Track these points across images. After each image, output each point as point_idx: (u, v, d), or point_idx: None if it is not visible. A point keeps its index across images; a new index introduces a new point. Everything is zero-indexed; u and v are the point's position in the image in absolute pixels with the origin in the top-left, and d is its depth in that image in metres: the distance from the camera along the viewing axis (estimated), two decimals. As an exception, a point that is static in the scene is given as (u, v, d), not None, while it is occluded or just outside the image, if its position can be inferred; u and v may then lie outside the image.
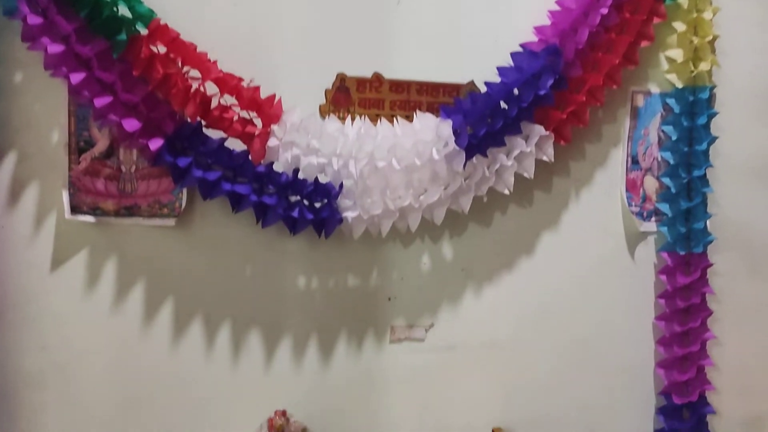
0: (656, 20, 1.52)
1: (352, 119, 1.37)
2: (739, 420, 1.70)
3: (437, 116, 1.38)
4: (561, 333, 1.61)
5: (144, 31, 1.20)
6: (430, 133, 1.35)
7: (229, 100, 1.28)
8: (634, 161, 1.60)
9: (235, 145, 1.30)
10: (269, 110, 1.29)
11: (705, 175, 1.58)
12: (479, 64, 1.44)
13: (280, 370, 1.44)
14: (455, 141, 1.34)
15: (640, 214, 1.61)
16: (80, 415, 1.32)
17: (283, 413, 1.31)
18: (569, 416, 1.62)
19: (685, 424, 1.61)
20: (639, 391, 1.66)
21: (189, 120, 1.25)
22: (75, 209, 1.27)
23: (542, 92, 1.38)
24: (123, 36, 1.18)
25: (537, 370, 1.60)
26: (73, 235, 1.30)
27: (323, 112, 1.38)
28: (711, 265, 1.60)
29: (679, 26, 1.55)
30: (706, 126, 1.56)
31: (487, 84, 1.41)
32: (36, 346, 1.30)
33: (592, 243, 1.61)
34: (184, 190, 1.33)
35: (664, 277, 1.60)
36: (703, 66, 1.55)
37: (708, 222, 1.60)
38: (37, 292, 1.29)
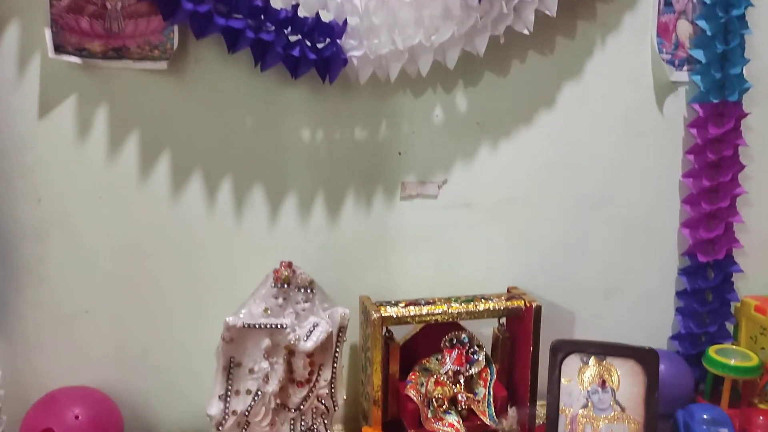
0: None
1: (357, -51, 1.24)
2: (766, 282, 1.63)
3: (450, -55, 1.25)
4: (581, 190, 1.52)
5: None
6: (442, -37, 1.23)
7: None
8: (667, 3, 1.46)
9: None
10: (264, -64, 1.17)
11: (744, 15, 1.44)
12: None
13: (285, 225, 1.38)
14: (470, -29, 1.22)
15: (671, 62, 1.49)
16: (81, 266, 1.28)
17: (289, 264, 1.26)
18: (588, 276, 1.56)
19: (709, 283, 1.55)
20: (661, 251, 1.60)
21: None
22: (59, 49, 1.18)
23: None
24: None
25: (555, 228, 1.53)
26: (60, 79, 1.21)
27: (325, -58, 1.26)
28: (746, 115, 1.48)
29: None
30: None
31: None
32: (32, 198, 1.24)
33: (618, 94, 1.50)
34: (176, 30, 1.23)
35: (694, 131, 1.50)
36: None
37: (744, 68, 1.47)
38: (27, 140, 1.22)
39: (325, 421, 1.34)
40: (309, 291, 1.29)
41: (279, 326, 1.26)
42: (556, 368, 1.28)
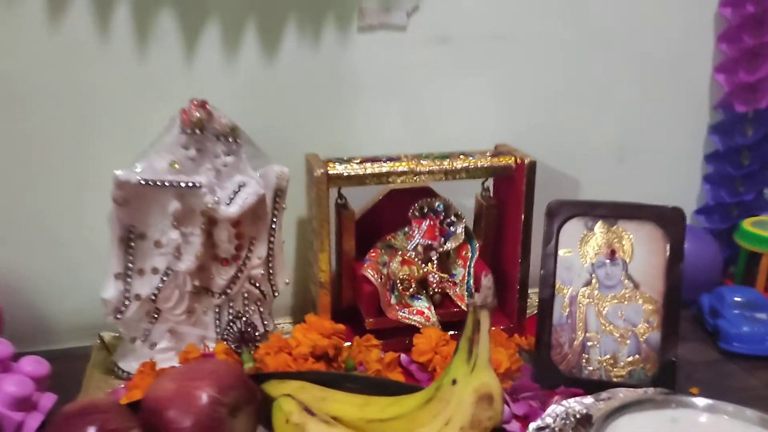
0: None
1: None
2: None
3: None
4: (589, 24, 1.20)
5: None
6: None
7: None
8: None
9: None
10: None
11: None
12: None
13: (205, 62, 1.07)
14: None
15: None
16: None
17: (203, 104, 0.95)
18: (596, 134, 1.26)
19: (746, 140, 1.24)
20: (689, 103, 1.29)
21: None
22: None
23: None
24: None
25: (556, 72, 1.21)
26: None
27: None
28: None
29: None
30: None
31: None
32: None
33: None
34: None
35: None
36: None
37: None
38: None
39: (261, 309, 1.07)
40: (232, 141, 0.99)
41: (191, 185, 0.97)
42: (553, 236, 0.99)
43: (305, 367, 0.96)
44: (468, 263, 1.12)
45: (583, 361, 0.97)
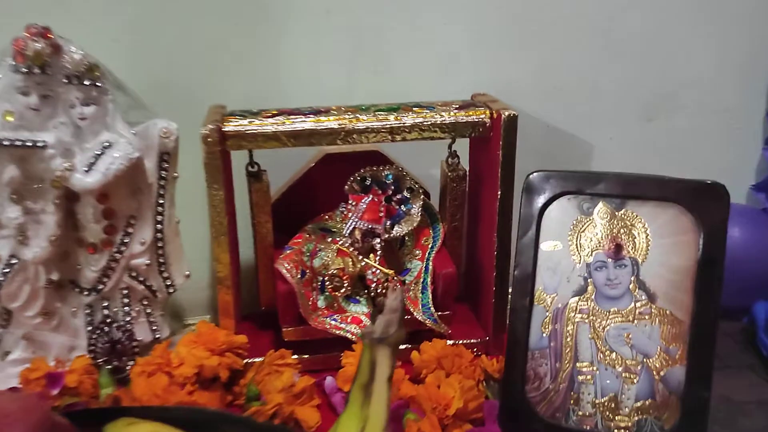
0: None
1: None
2: None
3: None
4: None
5: None
6: None
7: None
8: None
9: None
10: None
11: None
12: None
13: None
14: None
15: None
16: None
17: (43, 32, 0.69)
18: (616, 80, 0.94)
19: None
20: (744, 47, 0.95)
21: None
22: None
23: None
24: None
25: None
26: None
27: None
28: None
29: None
30: None
31: None
32: None
33: None
34: None
35: None
36: None
37: None
38: None
39: (149, 311, 0.81)
40: (90, 84, 0.73)
41: (33, 144, 0.71)
42: (533, 223, 0.70)
43: (182, 397, 0.70)
44: (427, 254, 0.84)
45: (571, 402, 0.67)
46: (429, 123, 0.77)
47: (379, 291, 0.80)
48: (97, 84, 0.73)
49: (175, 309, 0.92)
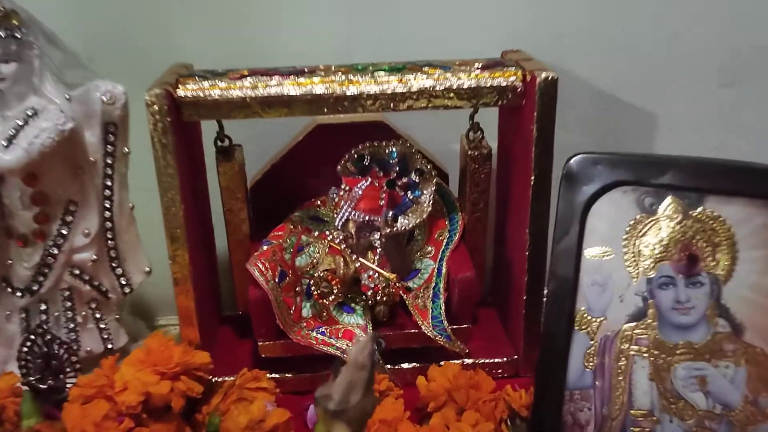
0: None
1: None
2: None
3: None
4: None
5: None
6: None
7: None
8: None
9: None
10: None
11: None
12: None
13: None
14: None
15: None
16: None
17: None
18: (683, 43, 0.74)
19: None
20: None
21: None
22: None
23: None
24: None
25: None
26: None
27: None
28: None
29: None
30: None
31: None
32: None
33: None
34: None
35: None
36: None
37: None
38: None
39: (99, 316, 0.67)
40: (8, 36, 0.57)
41: (-68, 112, 0.56)
42: (574, 222, 0.52)
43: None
44: (441, 252, 0.67)
45: (622, 460, 0.51)
46: (443, 87, 0.60)
47: (378, 299, 0.63)
48: (15, 35, 0.57)
49: (141, 308, 0.77)
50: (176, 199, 0.59)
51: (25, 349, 0.63)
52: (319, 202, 0.70)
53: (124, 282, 0.66)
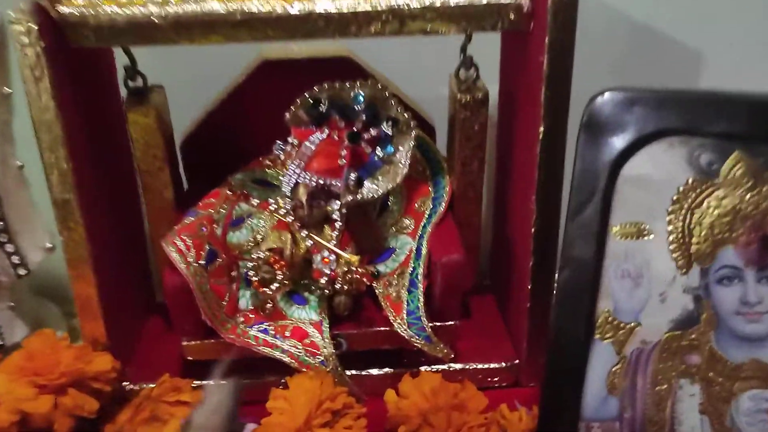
0: None
1: None
2: None
3: None
4: None
5: None
6: None
7: None
8: None
9: None
10: None
11: None
12: None
13: None
14: None
15: None
16: None
17: None
18: None
19: None
20: None
21: None
22: None
23: None
24: None
25: None
26: None
27: None
28: None
29: None
30: None
31: None
32: None
33: None
34: None
35: None
36: None
37: None
38: None
39: (-13, 303, 0.52)
40: None
41: None
42: (598, 186, 0.36)
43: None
44: (421, 227, 0.52)
45: None
46: (421, 6, 0.44)
47: (338, 288, 0.49)
48: None
49: (57, 289, 0.63)
50: (61, 155, 0.44)
51: None
52: (268, 161, 0.55)
53: (17, 261, 0.52)
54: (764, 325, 0.35)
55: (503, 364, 0.53)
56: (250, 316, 0.49)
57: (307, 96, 0.49)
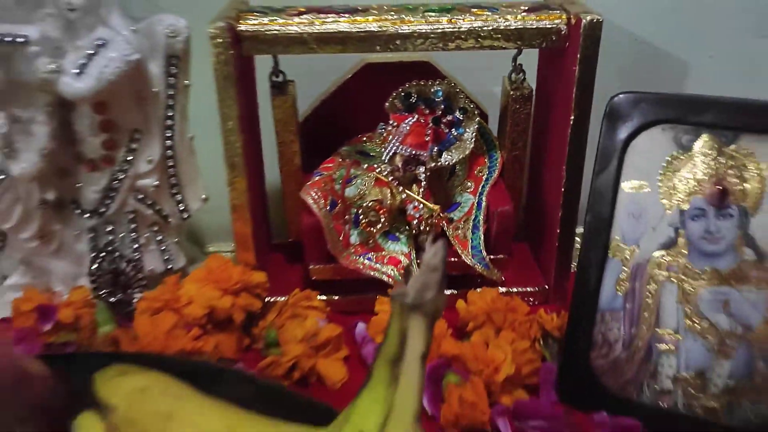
0: None
1: None
2: None
3: None
4: None
5: None
6: None
7: None
8: None
9: None
10: None
11: None
12: None
13: None
14: None
15: None
16: None
17: None
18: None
19: None
20: None
21: None
22: None
23: None
24: None
25: None
26: None
27: None
28: None
29: None
30: None
31: None
32: None
33: None
34: None
35: None
36: None
37: None
38: None
39: (160, 238, 0.71)
40: (81, -31, 0.60)
41: (13, 40, 0.60)
42: (614, 156, 0.56)
43: (188, 340, 0.61)
44: (480, 187, 0.71)
45: (647, 375, 0.56)
46: (490, 28, 0.63)
47: (421, 229, 0.68)
48: (88, -31, 0.60)
49: (196, 234, 0.82)
50: (235, 128, 0.63)
51: (95, 266, 0.69)
52: (365, 138, 0.74)
53: (182, 208, 0.71)
54: (720, 246, 0.54)
55: (536, 288, 0.72)
56: (359, 248, 0.68)
57: (401, 90, 0.68)
